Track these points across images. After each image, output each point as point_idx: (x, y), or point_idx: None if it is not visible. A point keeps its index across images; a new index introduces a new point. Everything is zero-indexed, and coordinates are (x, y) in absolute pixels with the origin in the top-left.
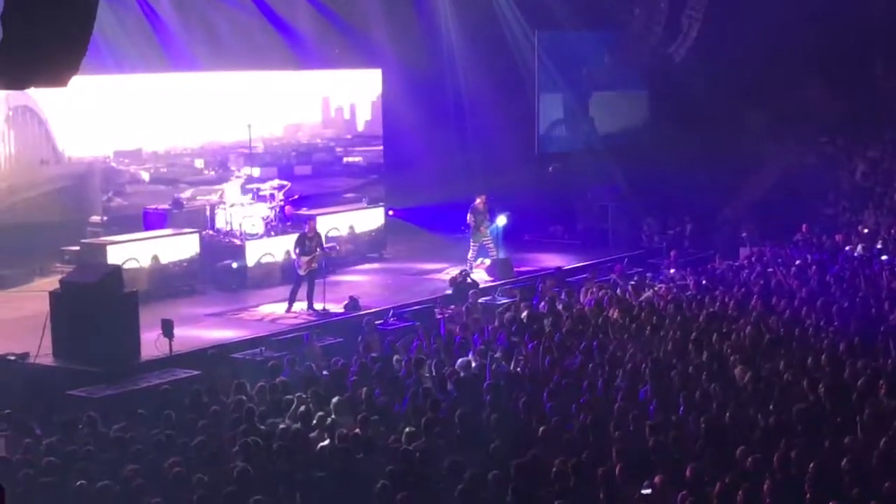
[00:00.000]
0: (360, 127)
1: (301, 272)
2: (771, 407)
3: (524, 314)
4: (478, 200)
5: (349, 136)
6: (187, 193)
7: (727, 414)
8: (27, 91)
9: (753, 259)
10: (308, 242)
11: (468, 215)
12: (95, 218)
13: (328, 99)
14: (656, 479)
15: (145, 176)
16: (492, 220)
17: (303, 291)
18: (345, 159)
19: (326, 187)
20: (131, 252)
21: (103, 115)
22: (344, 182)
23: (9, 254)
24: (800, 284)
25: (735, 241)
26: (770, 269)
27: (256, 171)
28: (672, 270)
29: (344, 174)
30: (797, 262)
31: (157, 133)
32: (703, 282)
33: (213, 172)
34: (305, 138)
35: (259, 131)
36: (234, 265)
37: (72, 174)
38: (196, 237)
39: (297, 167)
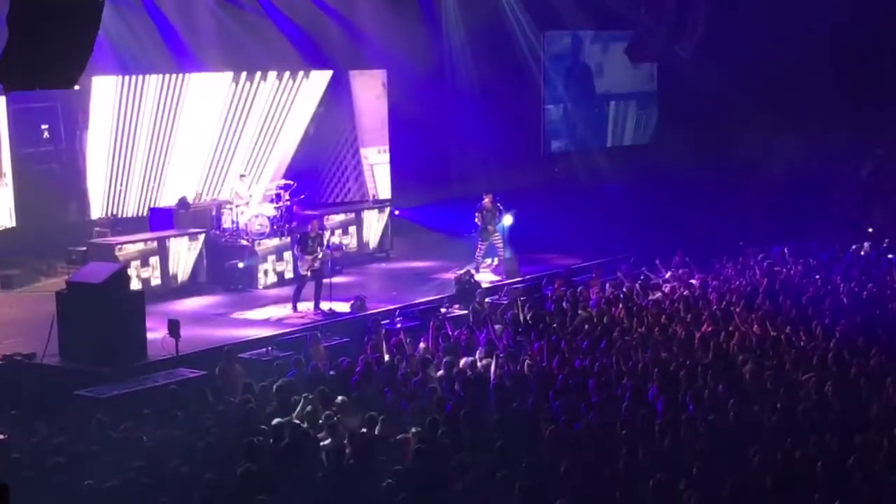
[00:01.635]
0: (367, 127)
1: (303, 271)
2: (777, 406)
3: (530, 314)
4: (486, 199)
5: (355, 136)
6: (194, 193)
7: (733, 413)
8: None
9: (760, 258)
10: (311, 242)
11: (476, 215)
12: (102, 218)
13: (334, 99)
14: None
15: (152, 176)
16: (499, 219)
17: (309, 291)
18: (352, 158)
19: (333, 186)
20: (138, 252)
21: (109, 114)
22: (350, 181)
23: (15, 254)
24: (806, 283)
25: (743, 239)
26: (777, 268)
27: (263, 171)
28: (679, 270)
29: (350, 173)
30: (803, 260)
31: (162, 133)
32: (710, 281)
33: (219, 172)
34: (312, 138)
35: (265, 131)
36: (241, 265)
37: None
38: (202, 237)
39: (303, 167)
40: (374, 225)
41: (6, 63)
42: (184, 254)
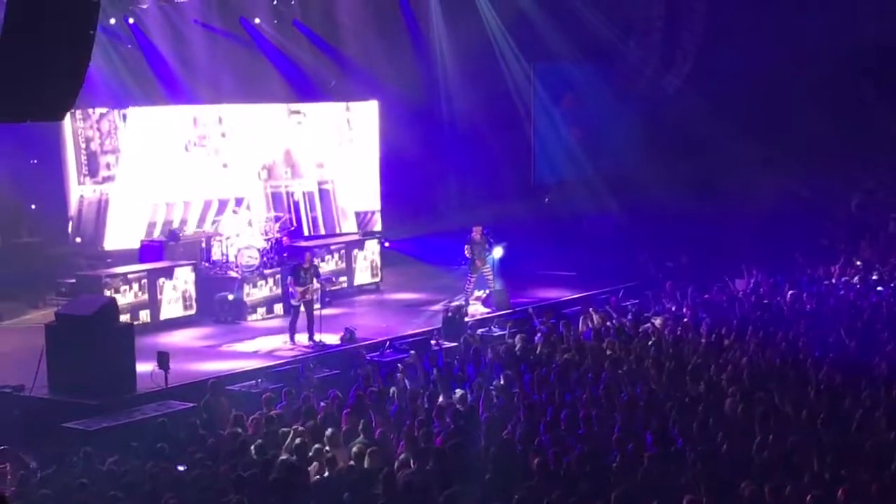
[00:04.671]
0: (357, 158)
1: (294, 303)
2: (769, 439)
3: (521, 346)
4: (475, 232)
5: (345, 168)
6: (182, 224)
7: (724, 446)
8: None
9: (750, 290)
10: (304, 274)
11: (465, 247)
12: (91, 249)
13: (324, 130)
14: None
15: (141, 208)
16: (489, 251)
17: (301, 323)
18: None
19: (323, 217)
20: (127, 284)
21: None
22: (340, 212)
23: (4, 286)
24: (796, 315)
25: (731, 271)
26: (766, 301)
27: (253, 204)
28: (668, 301)
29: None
30: (793, 292)
31: (152, 165)
32: (700, 313)
33: (209, 205)
34: (301, 170)
35: (255, 163)
36: (231, 297)
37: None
38: (192, 269)
39: (293, 199)
40: (363, 257)
41: None
42: (173, 286)
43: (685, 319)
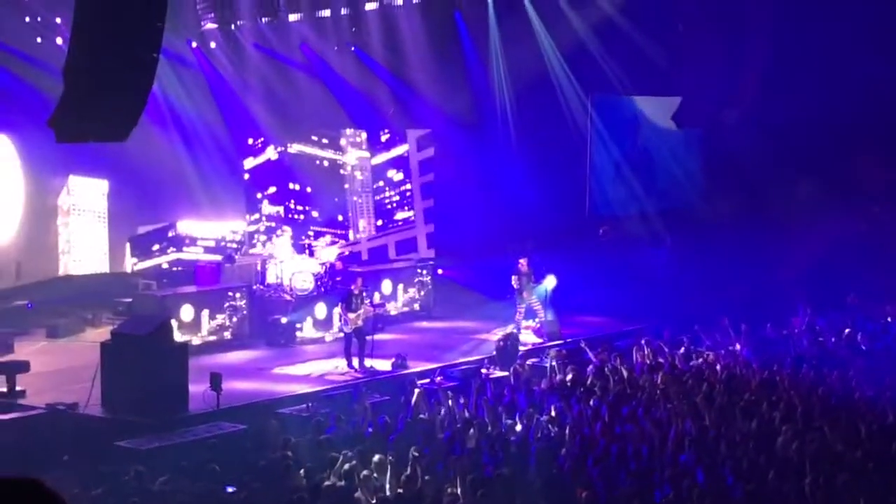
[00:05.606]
0: (412, 186)
1: (347, 329)
2: (820, 478)
3: (572, 377)
4: (521, 263)
5: (400, 194)
6: (239, 246)
7: (775, 484)
8: None
9: (804, 327)
10: (355, 300)
11: (513, 278)
12: (148, 269)
13: (379, 157)
14: None
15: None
16: (537, 280)
17: (353, 348)
18: (396, 216)
19: (377, 244)
20: (182, 304)
21: None
22: (394, 240)
23: (62, 303)
24: (851, 354)
25: (786, 308)
26: (821, 339)
27: (307, 228)
28: (722, 336)
29: (395, 232)
30: (849, 330)
31: None
32: (754, 349)
33: (265, 228)
34: (357, 196)
35: (310, 187)
36: (284, 320)
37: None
38: (247, 291)
39: (348, 224)
40: (417, 284)
41: (60, 114)
42: (228, 307)
43: (738, 355)
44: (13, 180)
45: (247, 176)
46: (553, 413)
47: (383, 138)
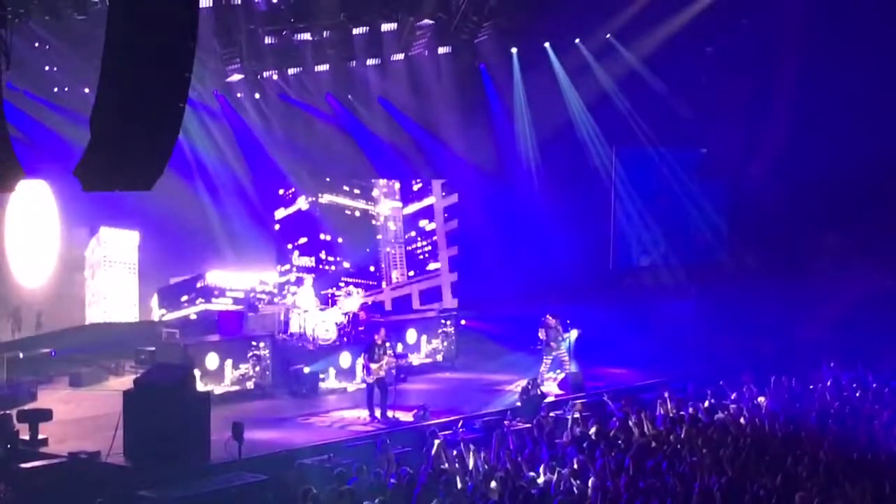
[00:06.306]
0: (437, 233)
1: (369, 380)
2: None
3: (595, 430)
4: (548, 319)
5: (432, 244)
6: (270, 298)
7: None
8: None
9: (830, 381)
10: (377, 350)
11: (540, 331)
12: (171, 319)
13: (411, 206)
14: None
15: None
16: (564, 335)
17: (376, 399)
18: (428, 266)
19: (401, 294)
20: (206, 353)
21: None
22: (418, 289)
23: (85, 352)
24: (879, 408)
25: (812, 362)
26: (846, 393)
27: (338, 279)
28: (746, 390)
29: (418, 281)
30: (876, 384)
31: None
32: (779, 403)
33: (295, 279)
34: (389, 247)
35: (341, 238)
36: (307, 370)
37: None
38: (270, 341)
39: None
40: (441, 335)
41: (87, 164)
42: (252, 357)
43: (763, 409)
44: (50, 227)
45: (277, 226)
46: (576, 466)
47: (415, 188)
